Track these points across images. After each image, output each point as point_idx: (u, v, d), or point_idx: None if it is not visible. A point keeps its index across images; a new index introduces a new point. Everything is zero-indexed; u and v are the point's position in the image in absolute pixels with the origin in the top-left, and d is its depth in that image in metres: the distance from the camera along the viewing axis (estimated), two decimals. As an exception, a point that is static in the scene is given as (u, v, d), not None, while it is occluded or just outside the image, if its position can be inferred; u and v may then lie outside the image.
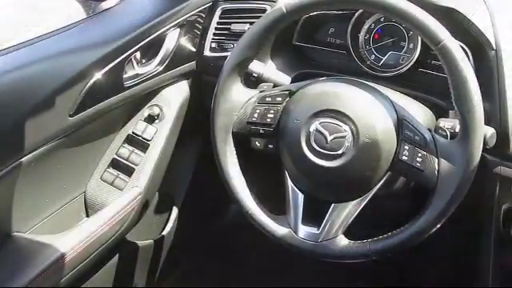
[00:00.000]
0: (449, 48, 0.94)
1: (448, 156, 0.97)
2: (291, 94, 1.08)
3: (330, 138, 1.00)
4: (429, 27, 0.95)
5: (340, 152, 1.00)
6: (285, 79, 1.28)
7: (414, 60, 1.24)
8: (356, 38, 1.30)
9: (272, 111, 1.08)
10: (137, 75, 1.26)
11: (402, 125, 1.00)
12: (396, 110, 1.02)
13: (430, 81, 1.22)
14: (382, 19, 1.29)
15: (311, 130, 1.01)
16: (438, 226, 0.98)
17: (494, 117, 1.11)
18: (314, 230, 1.05)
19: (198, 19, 1.37)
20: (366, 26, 1.30)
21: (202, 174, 1.60)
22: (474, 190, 1.00)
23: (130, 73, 1.24)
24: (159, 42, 1.29)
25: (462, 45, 1.14)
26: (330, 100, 1.02)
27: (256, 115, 1.09)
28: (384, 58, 1.29)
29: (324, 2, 1.02)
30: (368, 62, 1.30)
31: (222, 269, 1.84)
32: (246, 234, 1.26)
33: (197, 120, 1.40)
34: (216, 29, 1.38)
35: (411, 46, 1.26)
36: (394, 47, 1.28)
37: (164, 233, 1.57)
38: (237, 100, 1.11)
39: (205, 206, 1.74)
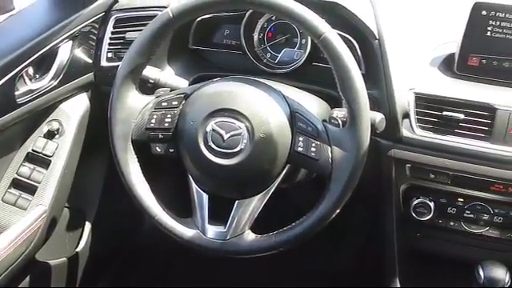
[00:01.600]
0: (329, 40, 0.98)
1: (339, 143, 1.01)
2: (187, 96, 1.09)
3: (226, 137, 1.02)
4: (310, 22, 0.99)
5: (237, 149, 1.02)
6: (182, 83, 1.28)
7: (307, 55, 1.28)
8: (250, 37, 1.33)
9: (169, 115, 1.08)
10: (30, 91, 1.23)
11: (295, 118, 1.03)
12: (289, 104, 1.05)
13: (323, 73, 1.25)
14: (273, 18, 1.32)
15: (208, 129, 1.03)
16: (338, 211, 1.02)
17: (382, 103, 1.17)
18: (221, 229, 1.06)
19: (92, 30, 1.35)
20: (258, 26, 1.33)
21: (113, 185, 1.56)
22: (372, 173, 1.05)
23: (22, 89, 1.21)
24: (51, 55, 1.27)
25: (349, 37, 1.20)
26: (223, 99, 1.04)
27: (154, 121, 1.09)
28: (279, 56, 1.33)
29: (207, 4, 1.04)
30: (264, 61, 1.33)
31: (144, 280, 1.82)
32: (165, 241, 1.25)
33: (101, 132, 1.37)
34: (111, 38, 1.37)
35: (303, 41, 1.31)
36: (288, 44, 1.32)
37: (78, 249, 1.53)
38: (133, 107, 1.10)
39: (120, 218, 1.71)
